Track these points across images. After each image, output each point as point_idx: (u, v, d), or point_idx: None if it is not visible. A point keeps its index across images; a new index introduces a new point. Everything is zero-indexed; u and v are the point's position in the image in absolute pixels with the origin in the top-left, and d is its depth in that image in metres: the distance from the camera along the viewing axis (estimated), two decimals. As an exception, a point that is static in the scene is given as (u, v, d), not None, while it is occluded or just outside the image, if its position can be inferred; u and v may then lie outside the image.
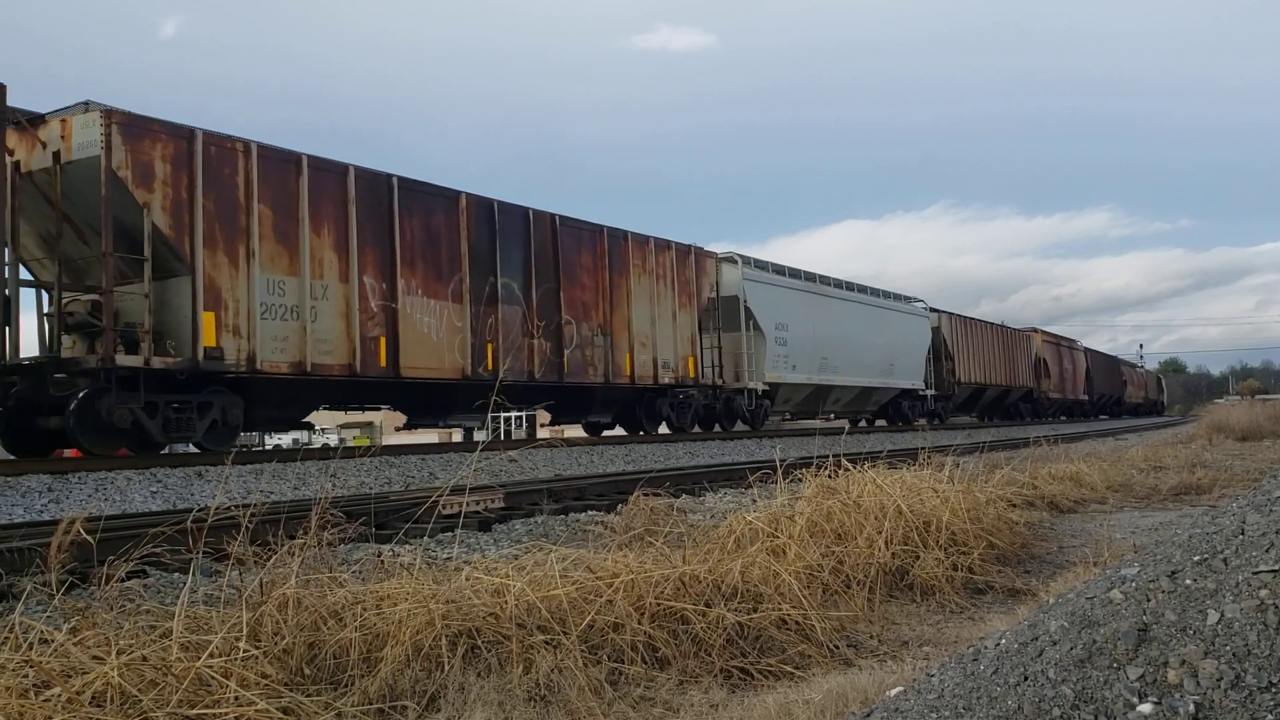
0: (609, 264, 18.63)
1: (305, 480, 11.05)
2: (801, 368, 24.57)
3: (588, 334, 17.99)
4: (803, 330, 24.74)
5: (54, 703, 2.97)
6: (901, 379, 30.43)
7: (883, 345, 29.01)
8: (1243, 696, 2.13)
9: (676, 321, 20.45)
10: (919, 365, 31.80)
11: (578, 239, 18.12)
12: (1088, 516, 9.17)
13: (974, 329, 36.75)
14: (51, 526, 5.10)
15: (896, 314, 30.82)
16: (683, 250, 21.06)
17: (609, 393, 19.14)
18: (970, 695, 2.46)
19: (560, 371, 17.22)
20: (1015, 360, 40.11)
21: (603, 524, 7.94)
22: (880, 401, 30.58)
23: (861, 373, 27.71)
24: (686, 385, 20.72)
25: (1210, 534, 2.79)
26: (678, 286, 20.64)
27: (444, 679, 3.63)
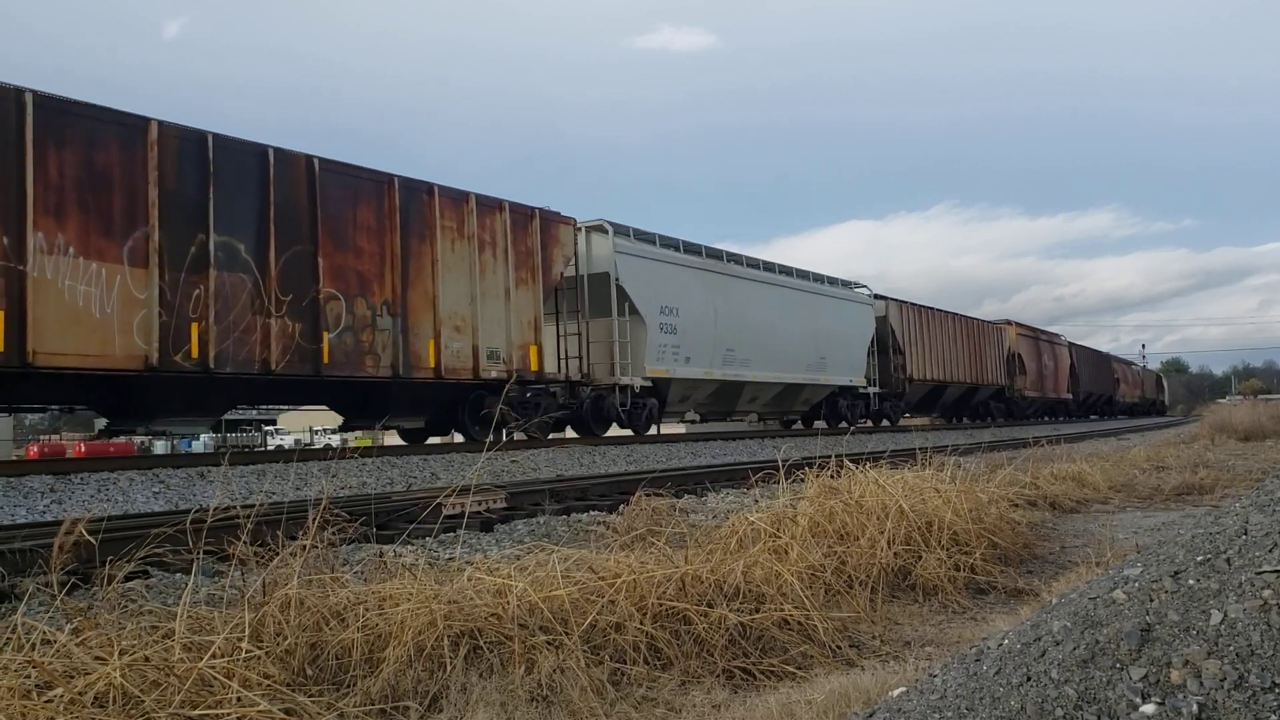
0: (403, 225, 14.45)
1: (307, 480, 11.05)
2: (698, 360, 20.67)
3: (365, 314, 13.79)
4: (699, 316, 20.74)
5: (56, 703, 2.97)
6: (836, 374, 26.56)
7: (811, 335, 25.15)
8: (1246, 697, 2.13)
9: (511, 302, 16.28)
10: (859, 359, 27.91)
11: (353, 190, 13.87)
12: (1090, 516, 9.17)
13: (930, 320, 32.71)
14: (54, 527, 5.10)
15: (830, 300, 26.64)
16: (522, 213, 16.82)
17: (410, 391, 15.13)
18: (973, 696, 2.45)
19: (317, 362, 13.07)
20: (984, 355, 36.73)
21: (604, 524, 7.94)
22: (812, 400, 26.79)
23: (783, 367, 23.93)
24: (527, 381, 16.74)
25: (1213, 534, 2.79)
26: (514, 258, 16.42)
27: (446, 679, 3.63)
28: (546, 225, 17.34)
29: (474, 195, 15.89)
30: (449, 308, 15.19)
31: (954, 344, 34.07)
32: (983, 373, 36.45)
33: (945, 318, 33.95)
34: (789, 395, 25.44)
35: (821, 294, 26.36)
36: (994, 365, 37.76)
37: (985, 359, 36.77)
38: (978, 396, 37.32)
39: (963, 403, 36.96)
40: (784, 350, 23.97)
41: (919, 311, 32.04)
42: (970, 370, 35.27)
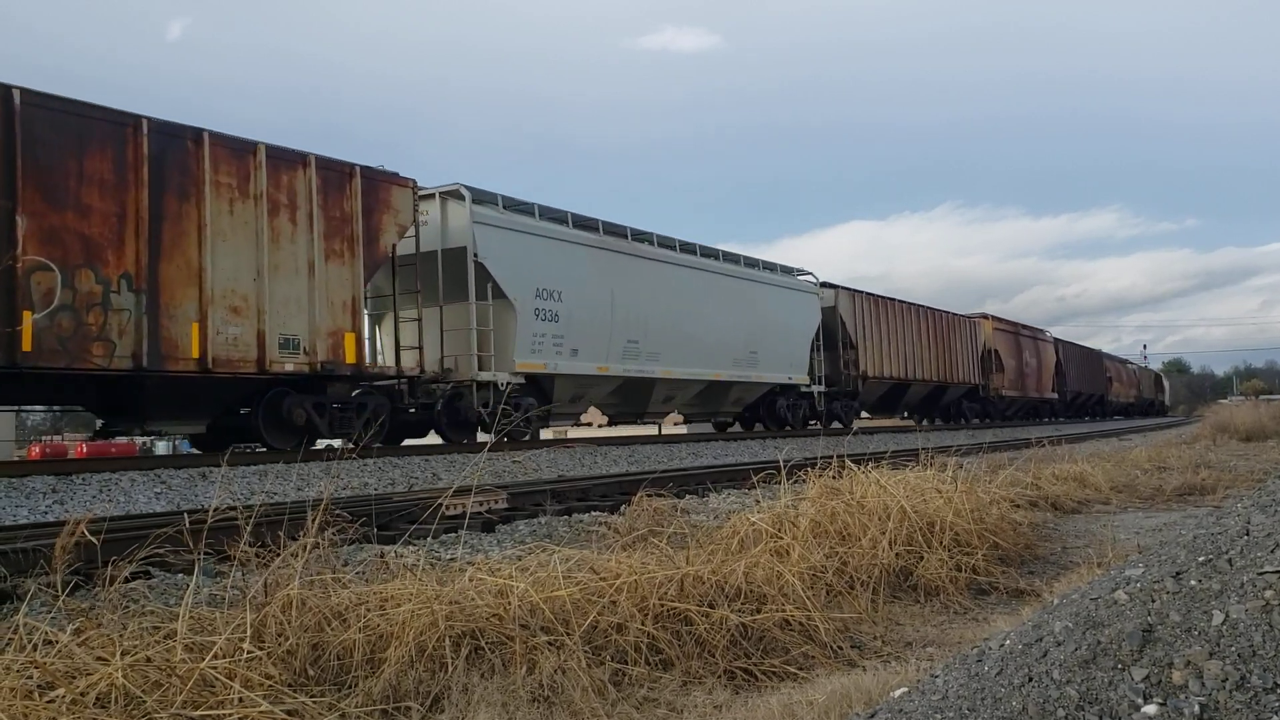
0: (155, 178, 11.52)
1: (309, 481, 11.05)
2: (590, 353, 17.65)
3: (94, 290, 10.89)
4: (591, 302, 17.69)
5: (58, 704, 2.97)
6: (772, 371, 23.47)
7: (740, 327, 22.17)
8: (1248, 697, 2.13)
9: (318, 278, 13.19)
10: (800, 354, 24.87)
11: (77, 134, 10.91)
12: (1092, 517, 9.16)
13: (889, 311, 29.56)
14: (56, 527, 5.11)
15: (765, 288, 23.56)
16: (337, 170, 13.74)
17: (171, 388, 12.13)
18: (974, 696, 2.45)
19: (13, 350, 10.19)
20: (954, 351, 33.62)
21: (606, 525, 7.94)
22: (745, 400, 23.87)
23: (704, 362, 20.91)
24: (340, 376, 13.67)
25: (1215, 534, 2.79)
26: (324, 224, 13.35)
27: (448, 680, 3.63)
28: (372, 187, 14.10)
29: (265, 146, 12.76)
30: (223, 284, 12.09)
31: (918, 339, 31.03)
32: (953, 370, 33.43)
33: (907, 310, 30.91)
34: (715, 394, 22.48)
35: (754, 280, 23.22)
36: (967, 362, 34.82)
37: (956, 355, 33.82)
38: (948, 396, 34.48)
39: (930, 403, 34.13)
40: (705, 343, 20.92)
41: (875, 302, 28.86)
42: (938, 367, 32.21)
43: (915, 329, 31.06)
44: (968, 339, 35.17)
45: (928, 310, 32.55)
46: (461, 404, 15.55)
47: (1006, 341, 38.60)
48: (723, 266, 22.39)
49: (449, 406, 15.57)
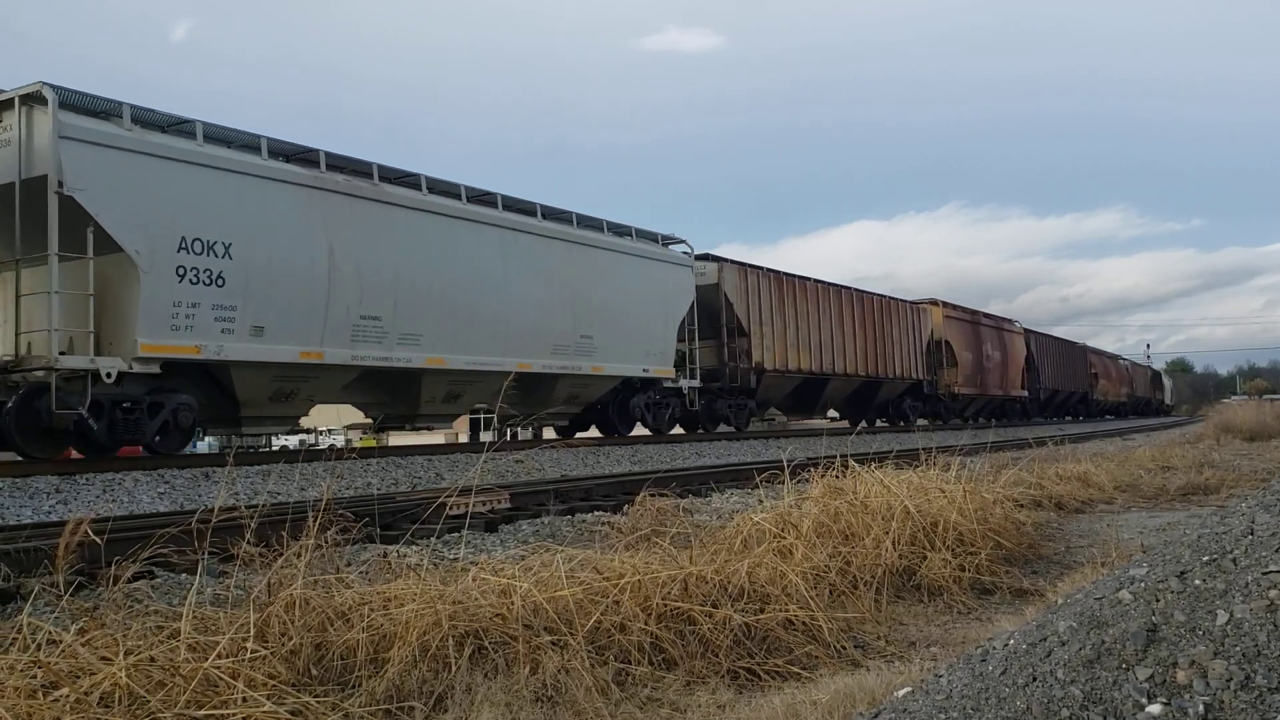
0: None
1: (312, 481, 11.06)
2: (288, 332, 12.64)
3: None
4: (292, 259, 12.72)
5: (62, 703, 2.97)
6: (618, 361, 18.26)
7: (567, 304, 17.08)
8: (1253, 697, 2.13)
9: None
10: (663, 341, 19.59)
11: None
12: (1095, 517, 9.15)
13: (797, 292, 24.31)
14: (59, 527, 5.11)
15: (607, 256, 18.22)
16: None
17: None
18: (978, 696, 2.45)
19: None
20: (891, 341, 28.63)
21: (609, 525, 7.94)
22: (585, 397, 18.41)
23: (507, 348, 15.65)
24: None
25: (1219, 534, 2.79)
26: None
27: (451, 679, 3.63)
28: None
29: None
30: None
31: (840, 326, 25.98)
32: (889, 363, 28.45)
33: (824, 291, 25.63)
34: (534, 391, 17.16)
35: (590, 246, 17.88)
36: (908, 355, 29.80)
37: (894, 347, 28.89)
38: (883, 393, 29.34)
39: (860, 401, 28.88)
40: (508, 325, 15.82)
41: (776, 281, 23.64)
42: (869, 360, 27.22)
43: (834, 314, 25.80)
44: (910, 328, 30.12)
45: (853, 293, 27.32)
46: (42, 404, 10.61)
47: (961, 332, 33.62)
48: (539, 225, 16.72)
49: (23, 407, 10.60)
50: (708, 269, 21.85)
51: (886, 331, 28.73)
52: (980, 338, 35.37)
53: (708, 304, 21.46)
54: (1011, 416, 39.54)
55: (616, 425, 19.65)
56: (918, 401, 31.64)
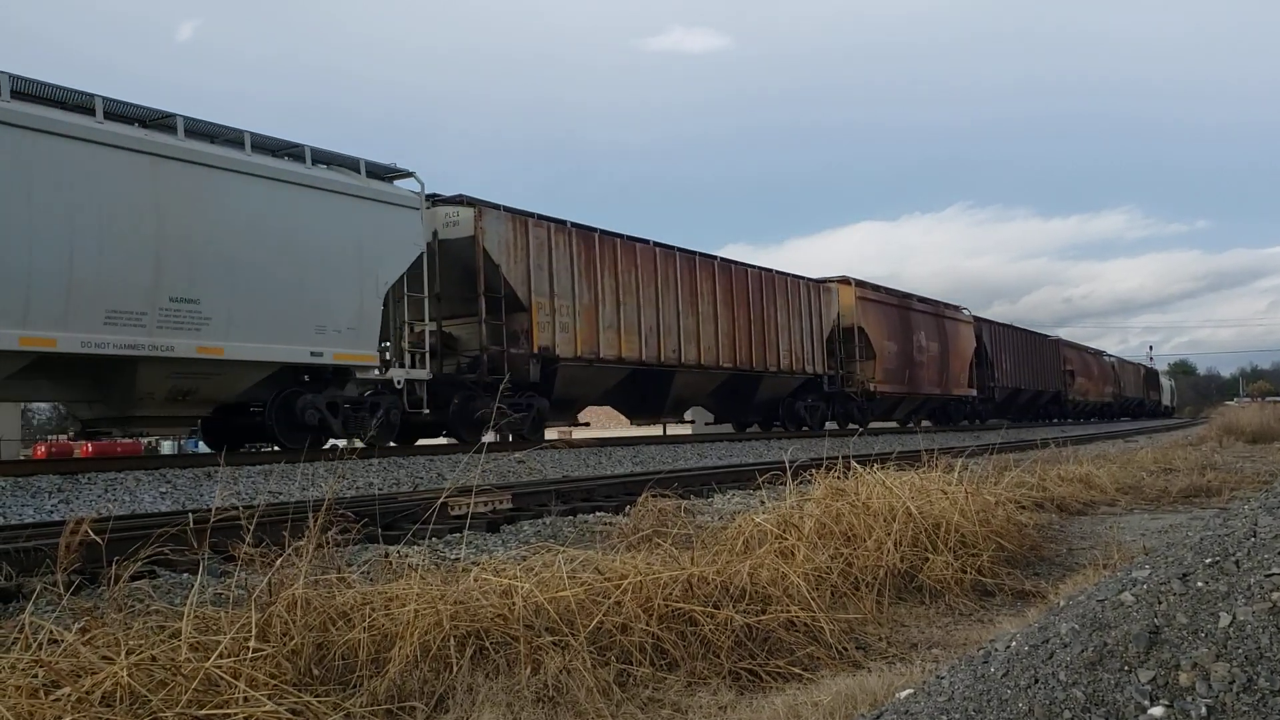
0: None
1: (313, 481, 11.07)
2: None
3: None
4: None
5: (64, 702, 2.98)
6: (264, 338, 12.35)
7: (142, 248, 11.16)
8: (1255, 700, 2.12)
9: None
10: (356, 313, 13.53)
11: None
12: (1097, 518, 9.14)
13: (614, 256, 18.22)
14: (61, 527, 5.12)
15: (248, 182, 12.29)
16: None
17: None
18: (980, 698, 2.45)
19: None
20: (776, 326, 23.18)
21: (611, 525, 7.94)
22: (204, 393, 12.35)
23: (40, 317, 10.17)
24: None
25: (1222, 536, 2.78)
26: None
27: (452, 680, 3.63)
28: None
29: None
30: None
31: (693, 304, 20.22)
32: (764, 354, 22.64)
33: (666, 259, 19.59)
34: (110, 381, 11.52)
35: (201, 164, 11.78)
36: (799, 345, 24.20)
37: (781, 333, 23.37)
38: (766, 391, 23.53)
39: (734, 400, 23.29)
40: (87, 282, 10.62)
41: (582, 240, 17.51)
42: (740, 348, 21.78)
43: (684, 289, 20.04)
44: (805, 310, 24.61)
45: (716, 263, 21.56)
46: None
47: (883, 317, 28.01)
48: (95, 130, 10.81)
49: None
50: (461, 216, 15.48)
51: (769, 314, 22.92)
52: (910, 325, 29.55)
53: (464, 265, 15.48)
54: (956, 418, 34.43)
55: (277, 436, 13.27)
56: (819, 401, 25.72)
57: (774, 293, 23.63)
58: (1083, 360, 49.69)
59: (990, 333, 36.96)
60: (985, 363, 35.86)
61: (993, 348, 36.84)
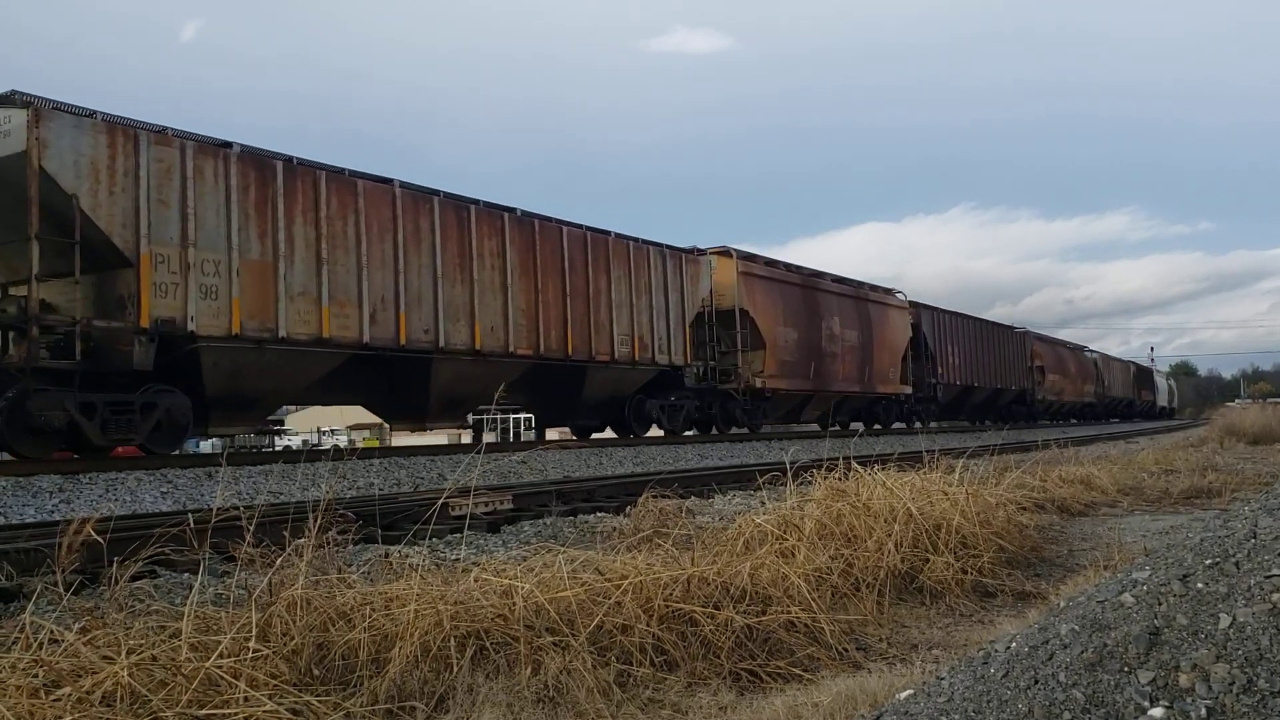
0: None
1: (314, 481, 11.07)
2: None
3: None
4: None
5: (64, 702, 2.98)
6: None
7: None
8: (1255, 701, 2.12)
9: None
10: None
11: None
12: (1098, 519, 9.14)
13: (295, 192, 13.04)
14: (62, 527, 5.12)
15: None
16: None
17: None
18: (980, 698, 2.45)
19: None
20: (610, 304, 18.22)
21: (611, 526, 7.94)
22: None
23: None
24: None
25: (1222, 538, 2.78)
26: None
27: (453, 680, 3.63)
28: None
29: None
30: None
31: (447, 268, 14.96)
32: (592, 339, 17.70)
33: (402, 203, 14.41)
34: None
35: None
36: (647, 328, 19.03)
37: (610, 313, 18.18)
38: (594, 388, 18.21)
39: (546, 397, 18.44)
40: None
41: (248, 170, 12.52)
42: (528, 330, 16.39)
43: (449, 247, 15.00)
44: (660, 286, 19.47)
45: (509, 216, 16.23)
46: None
47: (778, 299, 23.02)
48: None
49: None
50: (10, 122, 10.72)
51: (599, 287, 17.74)
52: (817, 309, 24.59)
53: (15, 195, 10.79)
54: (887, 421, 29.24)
55: None
56: (683, 399, 20.63)
57: (608, 261, 18.17)
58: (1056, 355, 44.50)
59: (933, 321, 31.55)
60: (925, 355, 30.54)
61: (936, 338, 31.40)
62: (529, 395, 18.91)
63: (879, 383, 27.62)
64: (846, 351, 25.97)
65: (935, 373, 31.19)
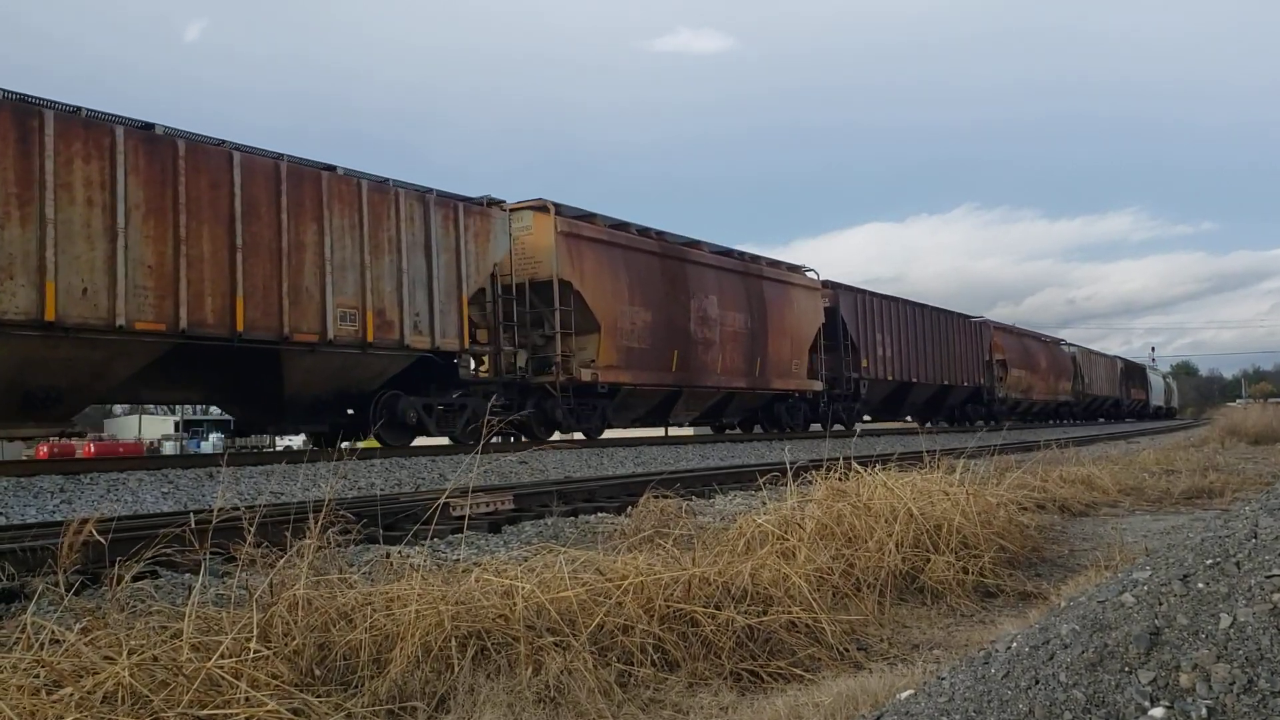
0: None
1: (315, 481, 11.07)
2: None
3: None
4: None
5: (66, 702, 2.98)
6: None
7: None
8: (1255, 701, 2.12)
9: None
10: None
11: None
12: (1099, 519, 9.14)
13: None
14: (63, 527, 5.12)
15: None
16: None
17: None
18: (981, 699, 2.45)
19: None
20: (305, 266, 12.88)
21: (612, 526, 7.94)
22: None
23: None
24: None
25: (1223, 538, 2.78)
26: None
27: (454, 680, 3.63)
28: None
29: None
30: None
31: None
32: (284, 312, 12.58)
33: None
34: None
35: None
36: (392, 300, 14.10)
37: (320, 279, 13.09)
38: (296, 381, 13.17)
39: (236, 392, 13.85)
40: None
41: None
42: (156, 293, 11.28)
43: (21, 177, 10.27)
44: (420, 246, 14.62)
45: (159, 142, 11.57)
46: None
47: (618, 270, 18.29)
48: None
49: None
50: None
51: (301, 241, 12.82)
52: (685, 286, 19.80)
53: None
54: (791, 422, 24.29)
55: None
56: (469, 396, 15.60)
57: (322, 206, 13.20)
58: (1022, 348, 39.69)
59: (857, 306, 26.44)
60: (845, 346, 25.60)
61: (860, 326, 26.36)
62: (206, 391, 14.55)
63: (776, 377, 22.54)
64: (729, 338, 21.00)
65: (857, 366, 26.01)
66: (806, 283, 24.58)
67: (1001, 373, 36.66)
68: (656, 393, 19.60)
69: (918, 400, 31.48)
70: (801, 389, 23.87)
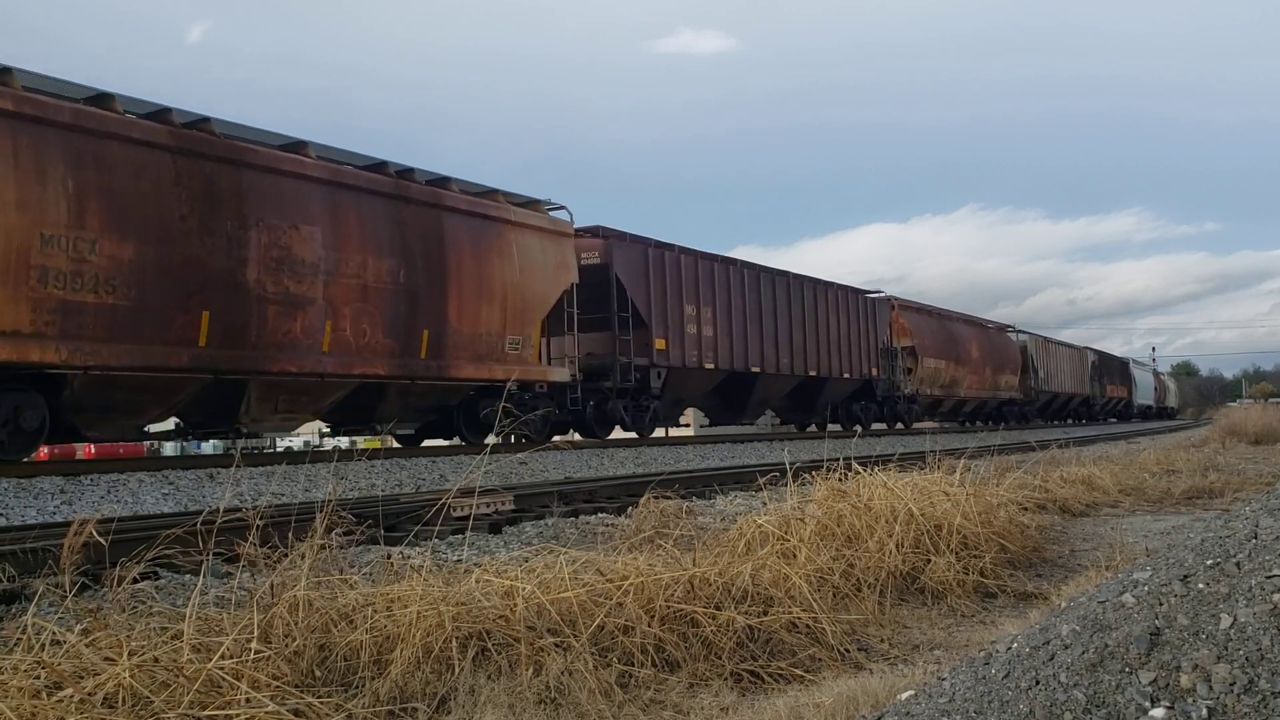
0: None
1: (316, 482, 11.07)
2: None
3: None
4: None
5: (66, 703, 2.98)
6: None
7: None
8: (1256, 701, 2.12)
9: None
10: None
11: None
12: (1100, 520, 9.14)
13: None
14: (64, 528, 5.12)
15: None
16: None
17: None
18: (981, 699, 2.45)
19: None
20: None
21: (613, 526, 7.94)
22: None
23: None
24: None
25: (1223, 538, 2.78)
26: None
27: (454, 681, 3.64)
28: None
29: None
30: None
31: None
32: None
33: None
34: None
35: None
36: None
37: None
38: None
39: None
40: None
41: None
42: None
43: None
44: None
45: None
46: None
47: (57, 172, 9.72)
48: None
49: None
50: None
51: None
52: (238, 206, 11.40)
53: None
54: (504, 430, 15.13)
55: None
56: None
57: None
58: (944, 333, 31.70)
59: (649, 265, 18.82)
60: (629, 322, 18.01)
61: (652, 293, 18.73)
62: None
63: (468, 361, 14.60)
64: (352, 296, 12.83)
65: (648, 351, 18.44)
66: (540, 223, 16.12)
67: (909, 363, 29.11)
68: (155, 383, 11.10)
69: (770, 396, 24.00)
70: (526, 378, 15.41)
